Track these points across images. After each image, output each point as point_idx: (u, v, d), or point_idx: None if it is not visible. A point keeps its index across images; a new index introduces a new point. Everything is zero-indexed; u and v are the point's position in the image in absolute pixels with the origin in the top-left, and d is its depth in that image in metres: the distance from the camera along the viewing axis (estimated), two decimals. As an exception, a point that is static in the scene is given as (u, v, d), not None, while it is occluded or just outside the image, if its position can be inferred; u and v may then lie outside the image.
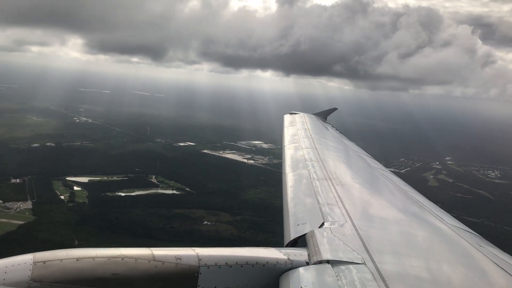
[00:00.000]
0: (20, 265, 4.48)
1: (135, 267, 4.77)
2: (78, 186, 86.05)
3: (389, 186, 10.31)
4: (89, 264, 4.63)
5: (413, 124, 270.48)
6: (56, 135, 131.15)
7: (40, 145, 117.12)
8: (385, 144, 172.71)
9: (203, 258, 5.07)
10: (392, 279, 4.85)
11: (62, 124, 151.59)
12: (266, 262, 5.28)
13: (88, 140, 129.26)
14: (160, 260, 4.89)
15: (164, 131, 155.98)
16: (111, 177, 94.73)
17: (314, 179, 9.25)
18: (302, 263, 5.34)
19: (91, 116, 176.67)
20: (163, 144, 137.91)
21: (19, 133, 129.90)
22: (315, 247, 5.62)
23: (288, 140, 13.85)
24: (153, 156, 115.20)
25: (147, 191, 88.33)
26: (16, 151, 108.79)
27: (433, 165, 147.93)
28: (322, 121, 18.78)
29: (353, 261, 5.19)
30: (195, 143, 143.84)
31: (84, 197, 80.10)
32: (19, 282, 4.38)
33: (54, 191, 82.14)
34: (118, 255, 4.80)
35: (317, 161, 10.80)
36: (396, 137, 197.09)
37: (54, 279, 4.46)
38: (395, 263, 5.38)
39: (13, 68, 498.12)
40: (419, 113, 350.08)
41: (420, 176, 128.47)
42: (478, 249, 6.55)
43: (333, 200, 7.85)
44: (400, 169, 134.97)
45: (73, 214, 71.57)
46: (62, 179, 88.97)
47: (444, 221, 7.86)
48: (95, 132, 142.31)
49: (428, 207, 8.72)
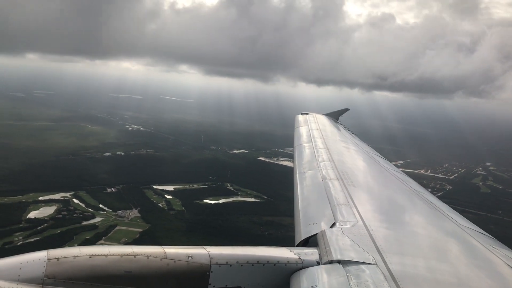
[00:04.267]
0: (35, 261, 4.55)
1: (147, 264, 4.85)
2: (167, 194, 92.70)
3: (401, 186, 10.26)
4: (102, 262, 4.72)
5: (448, 130, 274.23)
6: (120, 144, 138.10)
7: (112, 154, 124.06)
8: (426, 149, 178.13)
9: (214, 257, 5.15)
10: (403, 280, 4.86)
11: (118, 132, 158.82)
12: (277, 262, 5.34)
13: (152, 149, 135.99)
14: (172, 258, 4.99)
15: (214, 139, 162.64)
16: (192, 185, 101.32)
17: (325, 179, 9.32)
18: (313, 262, 5.40)
19: (140, 124, 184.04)
20: (219, 151, 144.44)
21: (85, 142, 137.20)
22: (326, 247, 5.66)
23: (299, 140, 13.98)
24: (220, 164, 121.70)
25: (230, 199, 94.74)
26: (93, 160, 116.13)
27: (477, 171, 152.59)
28: (334, 121, 18.66)
29: (364, 261, 5.23)
30: (248, 150, 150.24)
31: (179, 205, 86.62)
32: (34, 278, 4.45)
33: (150, 199, 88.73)
34: (130, 253, 4.89)
35: (329, 161, 10.87)
36: (434, 142, 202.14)
37: (67, 276, 4.54)
38: (406, 264, 5.41)
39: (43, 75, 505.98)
40: (457, 119, 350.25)
41: (469, 182, 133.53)
42: (492, 251, 6.51)
43: (345, 200, 7.89)
44: (447, 175, 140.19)
45: (179, 222, 78.13)
46: (150, 187, 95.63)
47: (457, 223, 7.83)
48: (153, 141, 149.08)
49: (440, 208, 8.71)
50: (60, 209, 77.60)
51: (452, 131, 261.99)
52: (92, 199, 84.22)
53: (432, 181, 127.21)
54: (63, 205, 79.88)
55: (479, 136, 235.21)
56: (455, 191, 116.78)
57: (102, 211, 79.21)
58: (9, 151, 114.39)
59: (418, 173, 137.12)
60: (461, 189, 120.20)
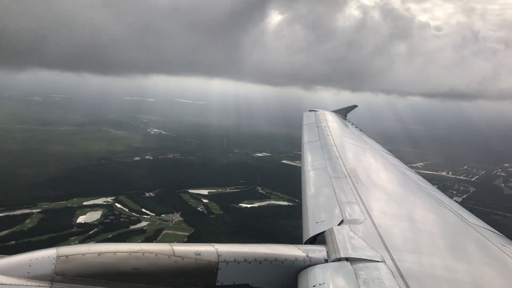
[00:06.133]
0: (44, 259, 4.60)
1: (156, 262, 4.88)
2: (203, 198, 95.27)
3: (410, 184, 10.21)
4: (111, 259, 4.76)
5: (463, 131, 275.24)
6: (147, 148, 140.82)
7: (141, 159, 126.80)
8: (444, 151, 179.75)
9: (222, 254, 5.15)
10: (411, 277, 4.85)
11: (142, 137, 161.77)
12: (285, 259, 5.33)
13: (178, 153, 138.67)
14: (180, 255, 5.00)
15: (236, 142, 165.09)
16: (224, 189, 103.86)
17: (333, 176, 9.31)
18: (320, 260, 5.39)
19: (161, 128, 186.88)
20: (243, 155, 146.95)
21: (113, 146, 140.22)
22: (334, 244, 5.67)
23: (307, 137, 13.91)
24: (247, 168, 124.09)
25: (264, 202, 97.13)
26: (125, 165, 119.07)
27: (497, 172, 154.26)
28: (342, 119, 18.48)
29: (372, 259, 5.22)
30: (270, 154, 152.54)
31: (217, 209, 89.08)
32: (43, 276, 4.50)
33: (188, 203, 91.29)
34: (138, 250, 4.91)
35: (337, 158, 10.80)
36: (450, 144, 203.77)
37: (76, 273, 4.59)
38: (415, 262, 5.38)
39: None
40: (472, 121, 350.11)
41: (491, 184, 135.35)
42: (501, 248, 6.48)
43: (353, 197, 7.87)
44: (469, 177, 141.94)
45: (221, 225, 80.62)
46: (185, 191, 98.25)
47: (466, 220, 7.79)
48: (178, 145, 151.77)
49: (449, 205, 8.66)
50: (106, 214, 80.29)
51: (466, 132, 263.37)
52: (134, 204, 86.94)
53: (456, 183, 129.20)
54: (107, 209, 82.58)
55: (494, 137, 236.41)
56: (480, 193, 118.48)
57: (146, 215, 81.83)
58: (43, 156, 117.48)
59: (439, 175, 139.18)
60: (485, 191, 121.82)
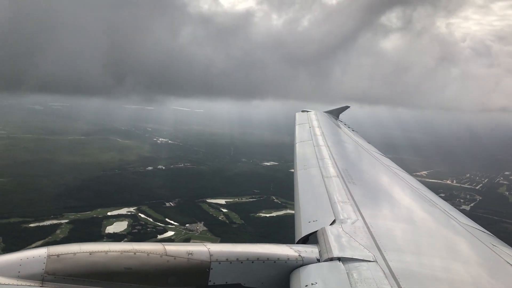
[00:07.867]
0: (35, 258, 4.58)
1: (147, 261, 4.91)
2: (222, 207, 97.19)
3: (401, 184, 10.32)
4: (102, 258, 4.77)
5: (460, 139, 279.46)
6: (157, 158, 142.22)
7: (154, 169, 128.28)
8: (446, 159, 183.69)
9: (214, 254, 5.21)
10: (403, 277, 4.88)
11: (150, 146, 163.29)
12: (277, 259, 5.40)
13: (188, 162, 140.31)
14: (172, 255, 5.04)
15: (242, 151, 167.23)
16: (240, 198, 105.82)
17: (325, 176, 9.34)
18: (313, 260, 5.45)
19: (167, 136, 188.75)
20: (252, 164, 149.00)
21: (124, 156, 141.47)
22: (326, 244, 5.72)
23: (299, 137, 14.00)
24: (258, 177, 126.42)
25: (281, 212, 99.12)
26: (139, 174, 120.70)
27: (499, 180, 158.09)
28: (334, 119, 18.72)
29: (364, 259, 5.27)
30: (278, 162, 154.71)
31: (238, 218, 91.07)
32: (34, 275, 4.49)
33: (208, 212, 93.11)
34: (130, 250, 4.94)
35: (329, 158, 10.90)
36: (450, 152, 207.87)
37: (67, 273, 4.58)
38: (406, 261, 5.45)
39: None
40: (469, 129, 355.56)
41: (496, 192, 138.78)
42: (492, 248, 6.52)
43: (345, 197, 7.89)
44: (473, 185, 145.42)
45: (245, 235, 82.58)
46: (203, 201, 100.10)
47: (457, 220, 7.83)
48: (186, 154, 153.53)
49: (440, 205, 8.71)
50: (132, 224, 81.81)
51: (464, 140, 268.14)
52: (157, 214, 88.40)
53: (462, 192, 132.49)
54: (132, 220, 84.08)
55: (491, 144, 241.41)
56: (486, 202, 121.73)
57: (171, 225, 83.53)
58: (58, 166, 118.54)
59: (444, 183, 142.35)
60: (490, 200, 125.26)
